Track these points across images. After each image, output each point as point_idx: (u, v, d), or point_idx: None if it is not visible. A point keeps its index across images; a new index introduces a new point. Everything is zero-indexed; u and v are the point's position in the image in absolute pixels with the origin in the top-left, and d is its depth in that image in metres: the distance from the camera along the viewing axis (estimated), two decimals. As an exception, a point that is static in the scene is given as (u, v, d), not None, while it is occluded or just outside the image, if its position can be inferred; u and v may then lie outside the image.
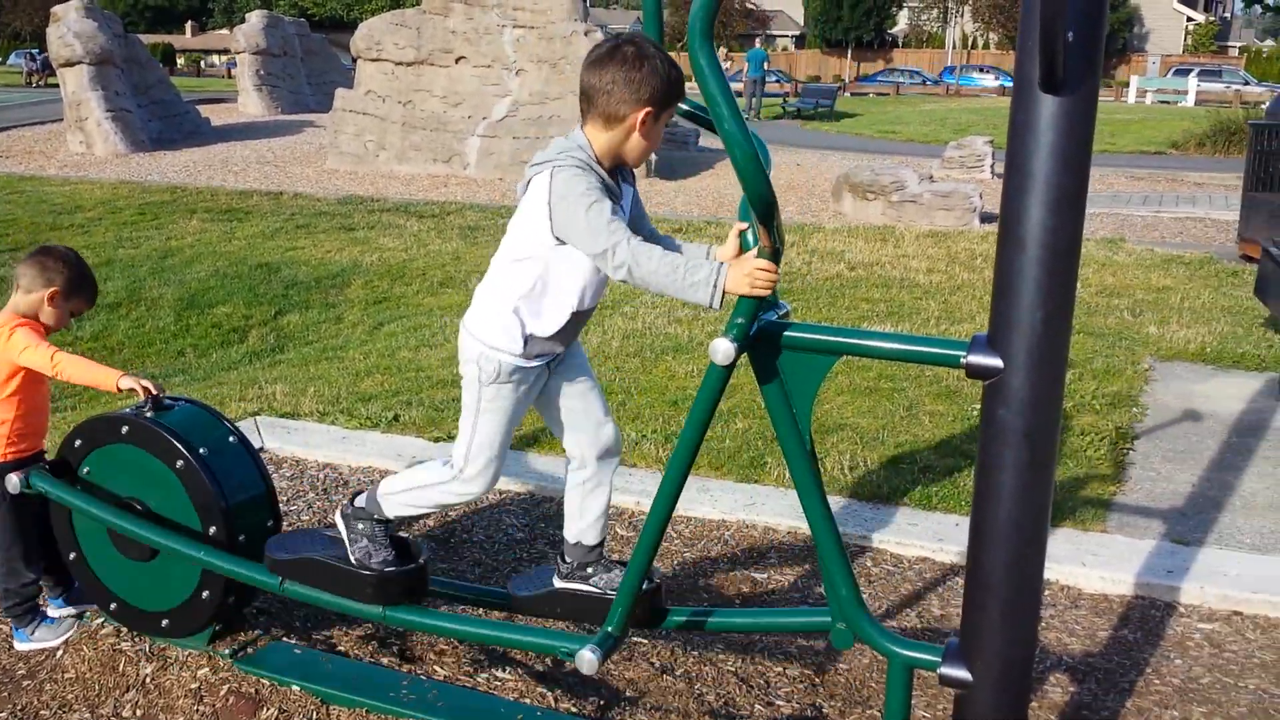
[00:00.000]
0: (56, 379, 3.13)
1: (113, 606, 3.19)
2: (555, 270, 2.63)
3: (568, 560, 2.95)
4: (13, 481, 3.08)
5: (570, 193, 2.49)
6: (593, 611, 2.88)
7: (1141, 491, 4.51)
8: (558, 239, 2.55)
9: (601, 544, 2.96)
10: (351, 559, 2.88)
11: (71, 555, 3.20)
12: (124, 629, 3.25)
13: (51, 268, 3.15)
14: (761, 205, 2.28)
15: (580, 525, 2.93)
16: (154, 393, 3.05)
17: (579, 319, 2.73)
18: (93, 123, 17.49)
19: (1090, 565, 3.79)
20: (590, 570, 2.93)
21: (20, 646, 3.29)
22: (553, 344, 2.73)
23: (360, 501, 2.93)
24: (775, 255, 2.38)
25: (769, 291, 2.38)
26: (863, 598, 2.59)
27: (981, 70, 50.84)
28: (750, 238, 2.54)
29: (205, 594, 3.03)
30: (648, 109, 2.54)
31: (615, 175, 2.66)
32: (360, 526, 2.90)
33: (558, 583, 2.95)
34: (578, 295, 2.67)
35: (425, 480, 2.85)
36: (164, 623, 3.10)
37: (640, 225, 2.76)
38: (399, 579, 2.87)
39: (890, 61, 59.44)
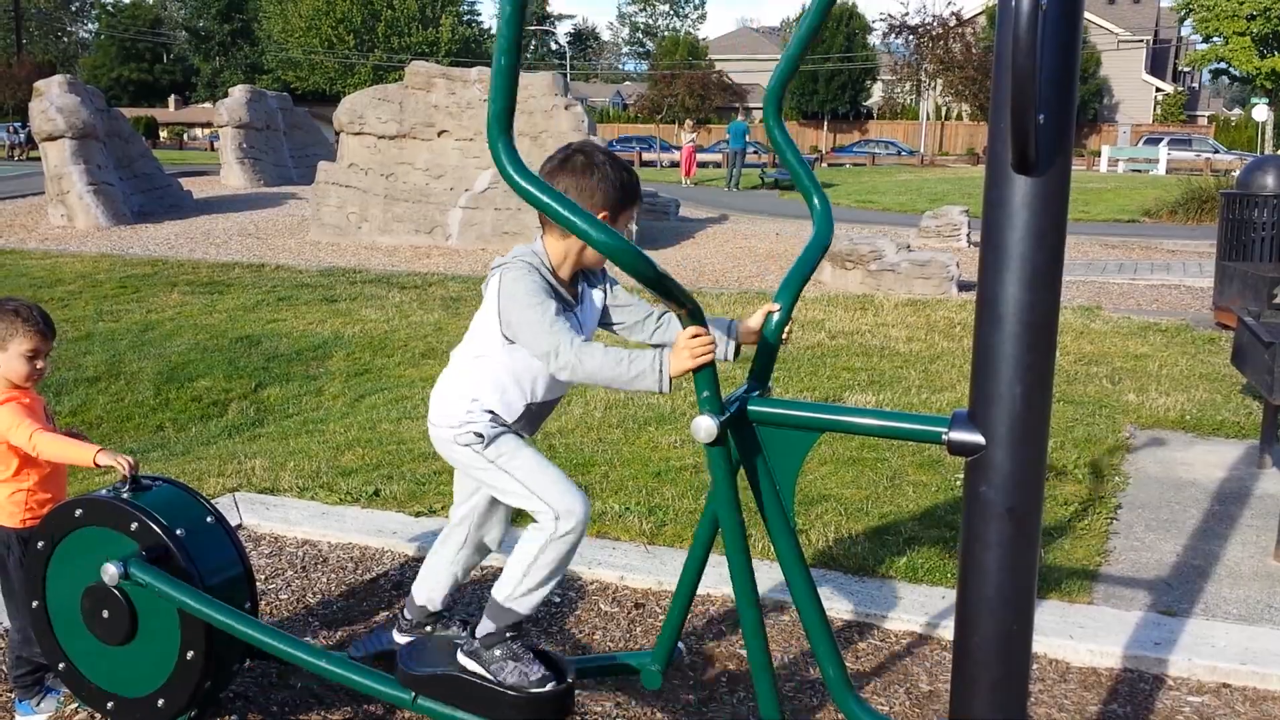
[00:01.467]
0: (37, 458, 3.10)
1: (62, 667, 3.11)
2: (508, 367, 2.68)
3: (408, 617, 3.09)
4: (110, 572, 2.90)
5: (515, 292, 2.55)
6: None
7: (1126, 561, 4.51)
8: (506, 338, 2.60)
9: (442, 612, 3.10)
10: (506, 685, 2.70)
11: (34, 604, 3.11)
12: (96, 713, 3.18)
13: None
14: (648, 282, 2.27)
15: (432, 594, 3.06)
16: (130, 469, 3.01)
17: (538, 413, 2.77)
18: (74, 196, 17.54)
19: (1078, 638, 3.76)
20: (429, 628, 3.07)
21: None
22: (517, 428, 2.77)
23: (482, 630, 2.76)
24: (695, 315, 2.37)
25: (710, 355, 2.37)
26: (848, 675, 2.56)
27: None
28: (774, 320, 2.60)
29: (172, 690, 2.95)
30: (603, 213, 2.61)
31: (575, 282, 2.72)
32: (498, 652, 2.72)
33: (398, 637, 3.06)
34: (530, 390, 2.72)
35: (534, 550, 2.67)
36: (160, 703, 3.01)
37: (631, 315, 2.83)
38: (555, 699, 2.67)
39: (866, 132, 60.43)
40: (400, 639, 3.07)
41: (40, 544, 3.05)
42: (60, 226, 17.45)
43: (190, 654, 2.91)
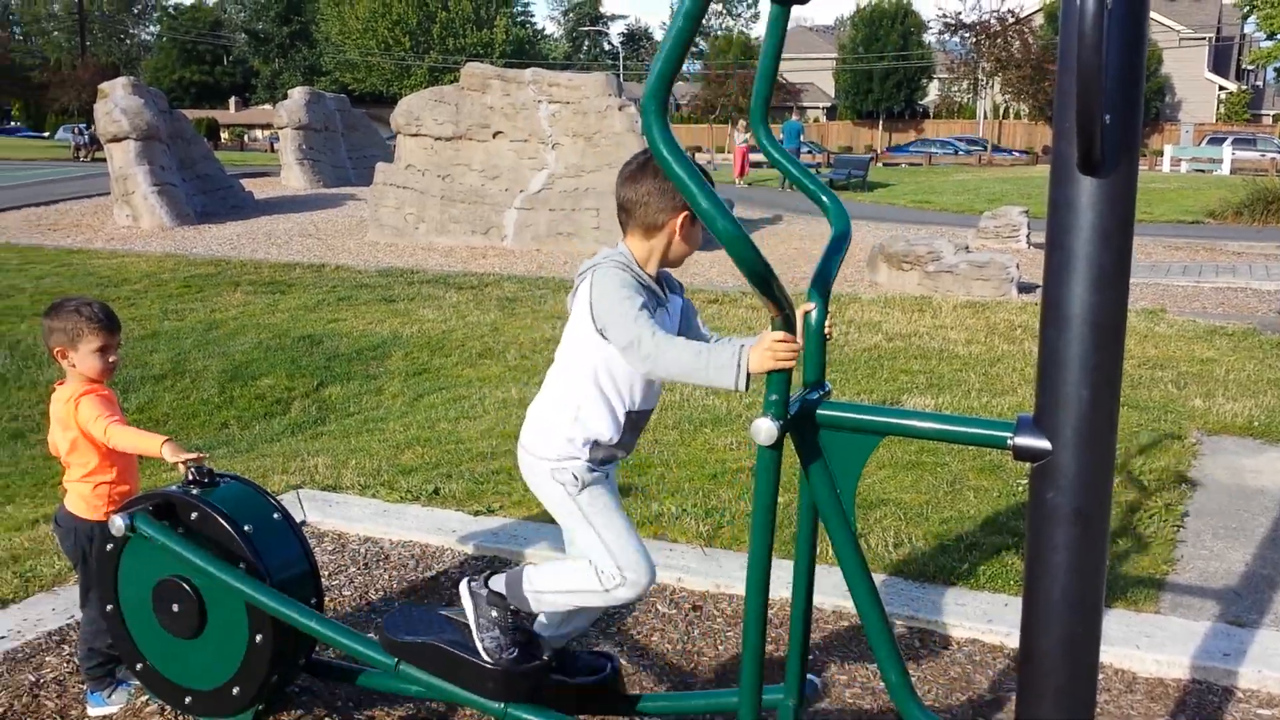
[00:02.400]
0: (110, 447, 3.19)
1: (140, 668, 3.19)
2: (606, 371, 2.67)
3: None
4: (117, 524, 3.01)
5: (606, 287, 2.58)
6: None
7: (1194, 570, 4.43)
8: (601, 337, 2.60)
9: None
10: (479, 646, 2.78)
11: (108, 607, 3.20)
12: (168, 708, 3.25)
13: (46, 329, 3.22)
14: (753, 277, 2.26)
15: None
16: (191, 466, 3.07)
17: (637, 421, 2.76)
18: (139, 197, 17.90)
19: (1145, 648, 3.71)
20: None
21: (93, 711, 3.32)
22: (615, 449, 2.75)
23: (497, 586, 2.82)
24: (788, 322, 2.38)
25: (793, 361, 2.38)
26: (912, 683, 2.55)
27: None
28: (813, 319, 2.59)
29: (241, 682, 3.01)
30: (684, 213, 2.66)
31: (661, 285, 2.74)
32: (494, 614, 2.80)
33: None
34: (629, 395, 2.71)
35: (581, 586, 2.71)
36: (235, 690, 3.07)
37: (691, 332, 2.83)
38: (527, 675, 2.75)
39: (921, 132, 59.87)
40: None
41: (109, 545, 3.12)
42: (126, 226, 17.82)
43: (259, 638, 2.97)
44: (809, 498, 2.49)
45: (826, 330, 2.67)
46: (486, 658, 2.77)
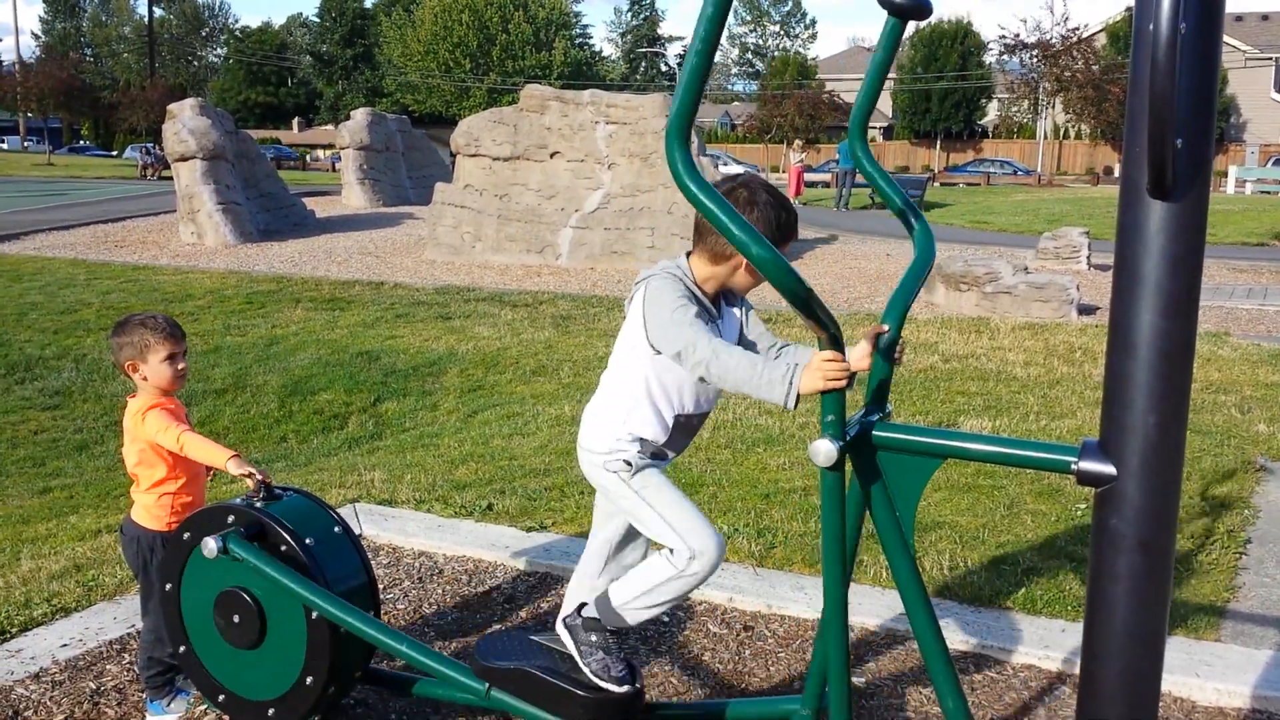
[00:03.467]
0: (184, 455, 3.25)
1: (222, 699, 3.24)
2: (656, 379, 2.71)
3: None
4: (210, 546, 3.04)
5: (659, 298, 2.60)
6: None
7: (1256, 598, 4.33)
8: (654, 348, 2.63)
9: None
10: (585, 670, 2.79)
11: (181, 649, 3.26)
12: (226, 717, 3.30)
13: (115, 345, 3.30)
14: (794, 299, 2.26)
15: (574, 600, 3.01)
16: (260, 478, 3.13)
17: (686, 425, 2.78)
18: (204, 215, 18.28)
19: (1205, 676, 3.63)
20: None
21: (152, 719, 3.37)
22: (665, 448, 2.79)
23: (588, 611, 2.84)
24: (835, 342, 2.37)
25: (843, 382, 2.37)
26: (969, 708, 2.52)
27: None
28: (883, 341, 2.58)
29: (308, 682, 3.06)
30: None
31: (717, 299, 2.76)
32: (594, 638, 2.81)
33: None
34: (679, 400, 2.74)
35: (660, 578, 2.71)
36: (270, 712, 3.13)
37: (758, 342, 2.88)
38: (621, 702, 2.75)
39: (980, 152, 59.34)
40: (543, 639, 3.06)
41: (186, 534, 3.17)
42: (190, 244, 18.20)
43: (309, 679, 3.03)
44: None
45: (897, 354, 2.66)
46: (596, 680, 2.77)
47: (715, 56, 2.12)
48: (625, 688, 2.76)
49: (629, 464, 2.71)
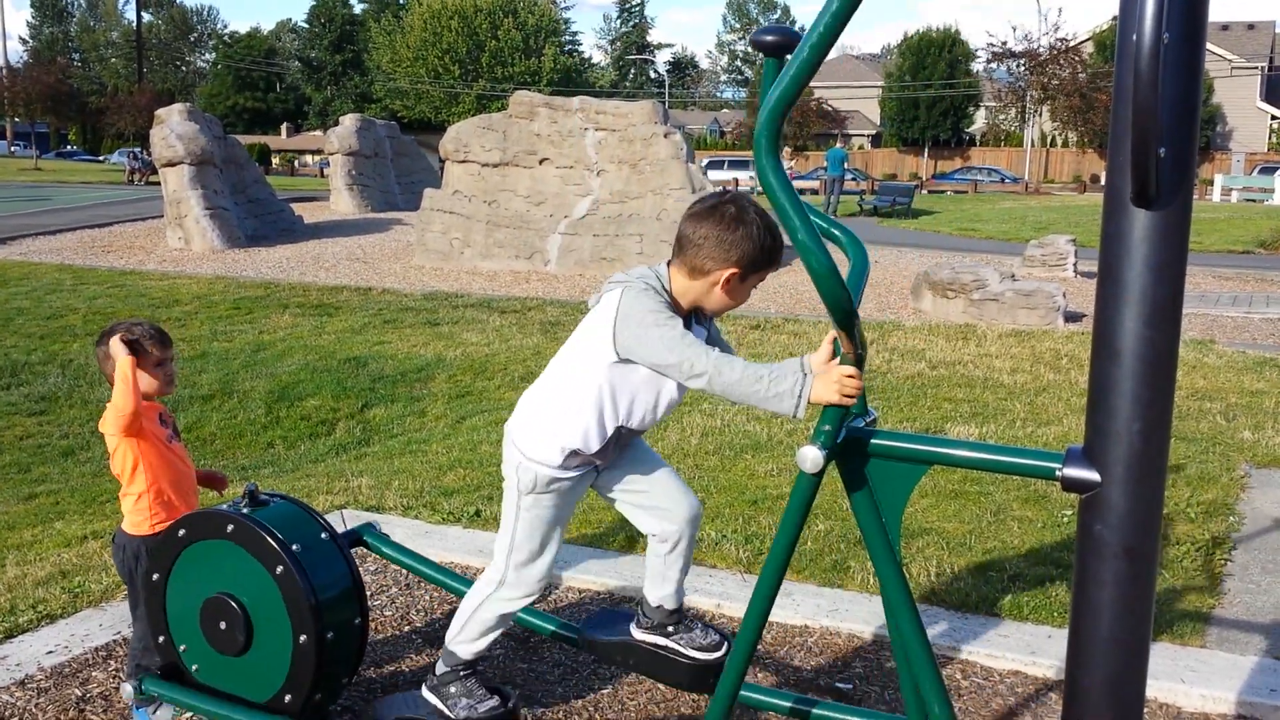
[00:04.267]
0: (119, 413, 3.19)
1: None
2: (609, 387, 2.68)
3: (648, 616, 3.02)
4: (125, 690, 3.16)
5: (636, 311, 2.54)
6: (668, 667, 2.97)
7: (1241, 605, 4.35)
8: (619, 356, 2.60)
9: (681, 608, 3.01)
10: (456, 718, 2.94)
11: (160, 639, 3.25)
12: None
13: (101, 355, 3.28)
14: (840, 313, 2.29)
15: (662, 592, 2.98)
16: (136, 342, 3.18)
17: (624, 436, 2.78)
18: (191, 220, 18.24)
19: (1190, 682, 3.65)
20: (671, 629, 3.00)
21: None
22: (593, 458, 2.79)
23: (439, 669, 3.00)
24: (859, 361, 2.40)
25: (855, 399, 2.39)
26: (954, 714, 2.53)
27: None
28: (839, 346, 2.56)
29: (286, 700, 3.05)
30: (733, 270, 2.60)
31: (688, 317, 2.70)
32: (453, 690, 2.96)
33: (637, 634, 3.02)
34: (626, 414, 2.72)
35: (475, 601, 2.92)
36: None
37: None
38: None
39: (967, 160, 59.59)
40: (638, 634, 3.02)
41: (181, 531, 3.15)
42: (177, 249, 18.15)
43: (288, 698, 3.03)
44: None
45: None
46: None
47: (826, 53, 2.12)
48: (496, 714, 2.91)
49: (533, 483, 2.77)
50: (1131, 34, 1.88)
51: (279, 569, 3.01)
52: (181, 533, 3.16)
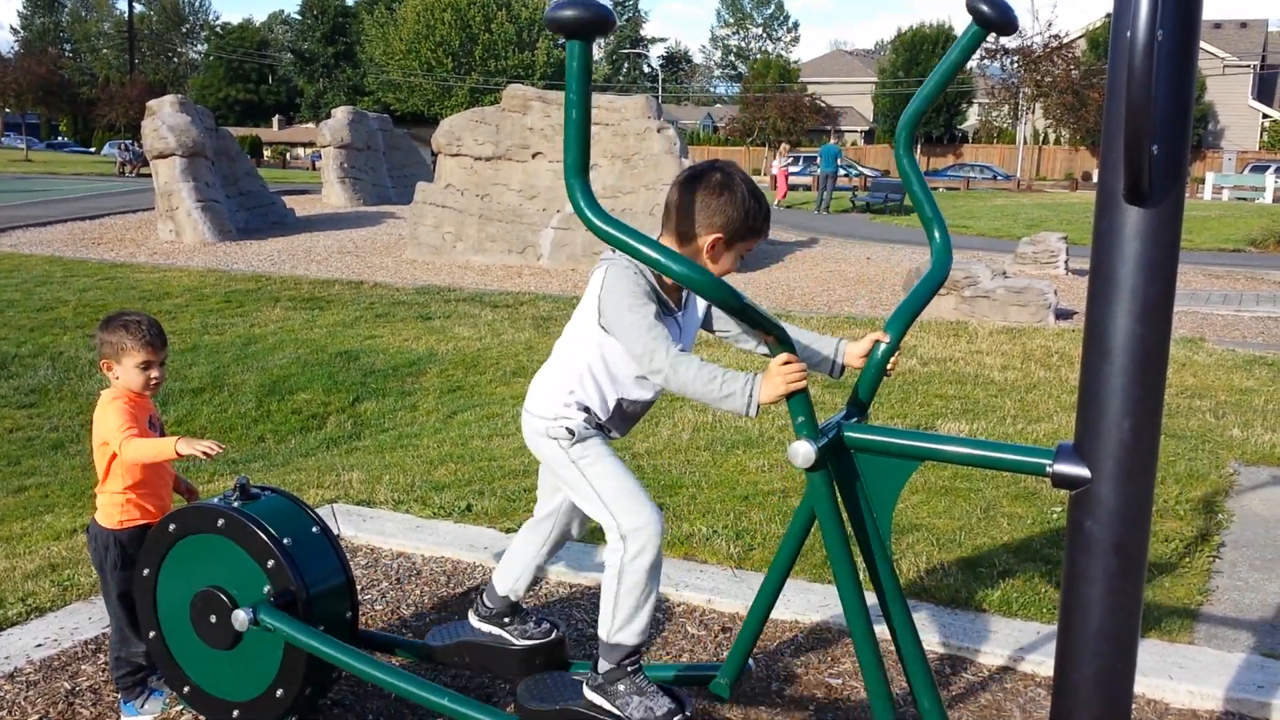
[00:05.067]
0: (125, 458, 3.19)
1: (187, 690, 3.23)
2: (601, 358, 2.71)
3: (489, 605, 3.15)
4: (240, 618, 3.00)
5: (616, 289, 2.58)
6: (500, 658, 3.10)
7: (1229, 601, 4.37)
8: (603, 329, 2.64)
9: (521, 602, 3.19)
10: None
11: (151, 634, 3.25)
12: (199, 716, 3.28)
13: (97, 341, 3.29)
14: (732, 311, 2.31)
15: (517, 585, 3.12)
16: (213, 452, 3.08)
17: (629, 411, 2.80)
18: (183, 212, 18.17)
19: (1178, 678, 3.66)
20: (507, 620, 3.15)
21: None
22: (606, 426, 2.80)
23: (603, 667, 2.74)
24: (783, 343, 2.39)
25: (803, 382, 2.39)
26: (944, 708, 2.53)
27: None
28: (879, 351, 2.59)
29: (278, 694, 3.05)
30: (717, 235, 2.61)
31: (679, 290, 2.72)
32: (621, 688, 2.70)
33: (472, 618, 3.18)
34: (622, 385, 2.75)
35: (612, 584, 2.67)
36: (235, 713, 3.12)
37: (733, 325, 2.87)
38: None
39: (960, 156, 59.65)
40: (479, 625, 3.19)
41: (172, 526, 3.14)
42: (168, 241, 18.09)
43: (279, 692, 3.04)
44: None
45: (890, 365, 2.67)
46: None
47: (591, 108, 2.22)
48: (677, 718, 2.68)
49: (571, 432, 2.71)
50: (1125, 31, 1.89)
51: (270, 563, 3.01)
52: (172, 527, 3.16)
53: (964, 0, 2.49)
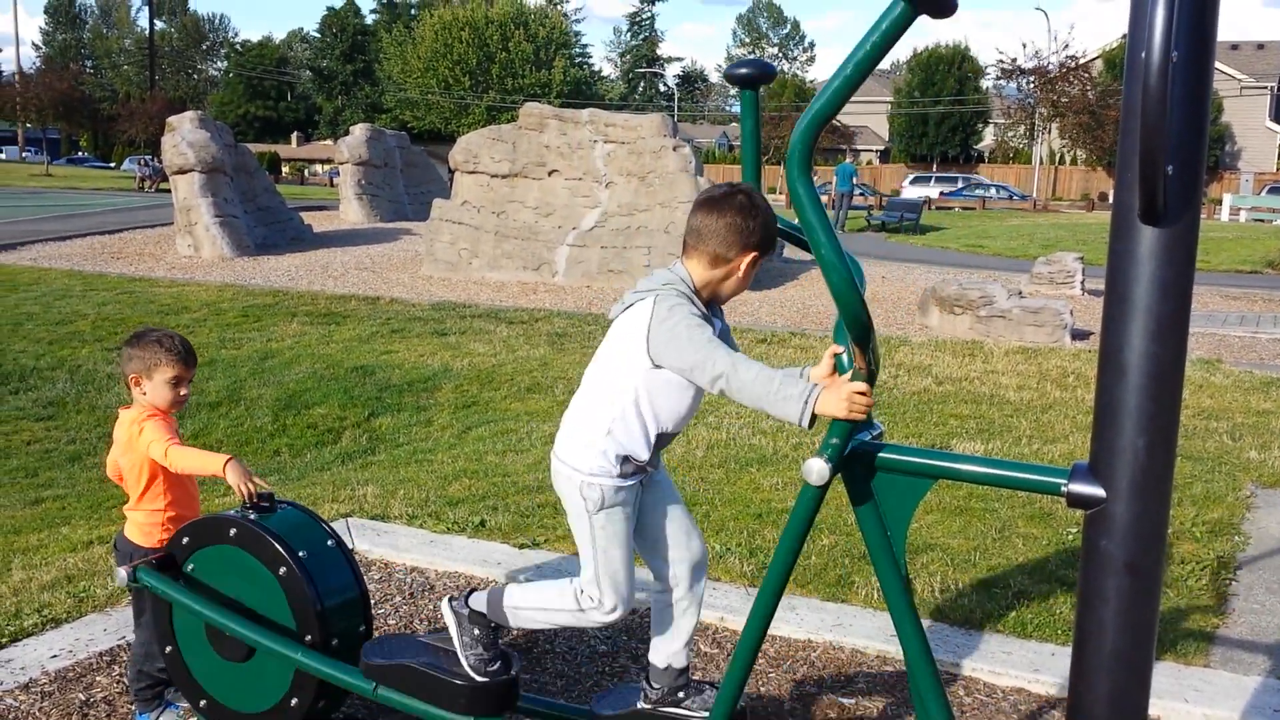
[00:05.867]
0: (170, 469, 3.23)
1: (203, 704, 3.24)
2: (646, 395, 2.71)
3: (655, 685, 2.96)
4: (120, 575, 3.17)
5: (672, 317, 2.60)
6: None
7: (1245, 624, 4.34)
8: (654, 363, 2.63)
9: (689, 667, 2.98)
10: (464, 663, 2.89)
11: (168, 649, 3.27)
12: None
13: (125, 355, 3.32)
14: (858, 328, 2.31)
15: (671, 648, 2.95)
16: (250, 497, 3.12)
17: (662, 440, 2.81)
18: (201, 228, 18.28)
19: (1193, 701, 3.64)
20: (682, 694, 2.95)
21: None
22: (645, 465, 2.79)
23: (478, 605, 2.91)
24: (871, 378, 2.41)
25: (864, 416, 2.40)
26: (958, 728, 2.52)
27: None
28: (845, 360, 2.57)
29: (295, 699, 3.06)
30: (754, 254, 2.70)
31: (710, 308, 2.78)
32: (476, 632, 2.90)
33: (643, 705, 2.96)
34: (664, 418, 2.75)
35: (559, 605, 2.84)
36: None
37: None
38: (494, 690, 2.87)
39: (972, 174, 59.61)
40: (645, 707, 2.97)
41: (185, 539, 3.18)
42: (187, 256, 18.20)
43: (294, 701, 3.06)
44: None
45: (860, 366, 2.67)
46: (471, 673, 2.88)
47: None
48: (501, 679, 2.88)
49: (601, 498, 2.72)
50: (1140, 52, 1.90)
51: (284, 573, 3.02)
52: (185, 540, 3.18)
53: None
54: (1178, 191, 2.03)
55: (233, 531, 3.09)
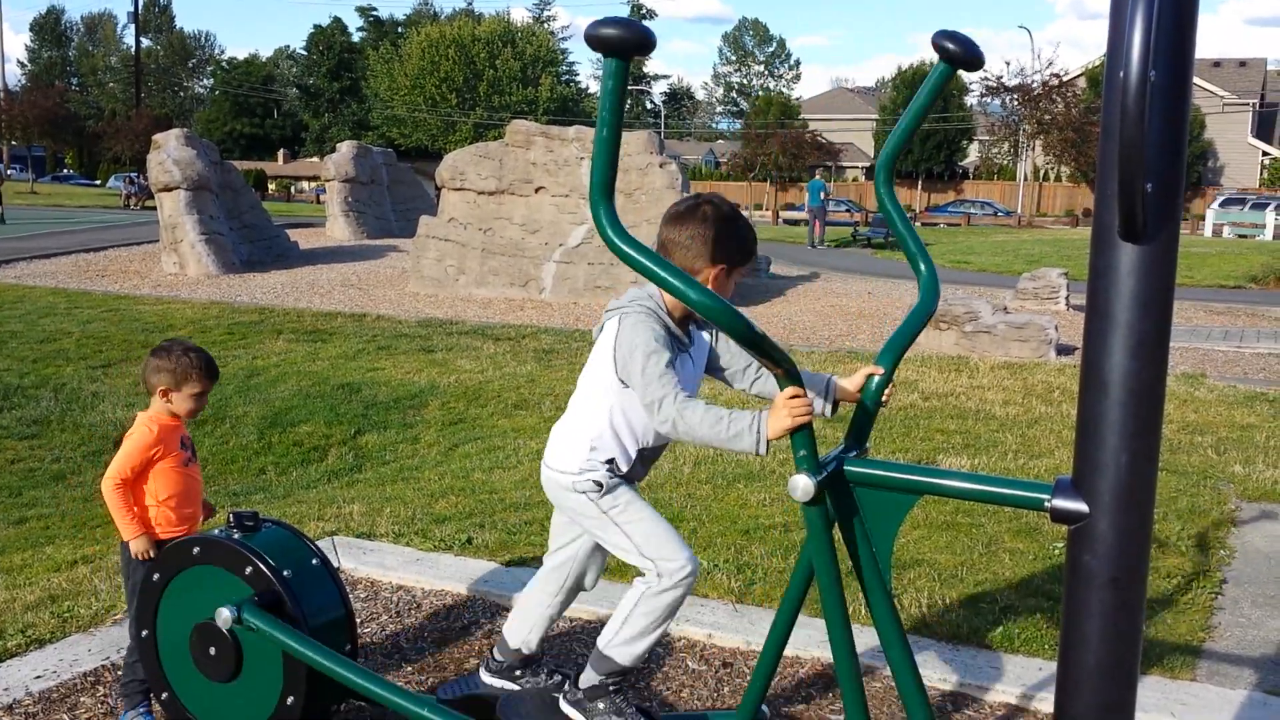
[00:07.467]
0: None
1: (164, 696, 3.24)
2: (621, 413, 2.73)
3: (499, 659, 3.09)
4: (224, 615, 3.04)
5: (633, 339, 2.59)
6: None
7: (1232, 638, 4.36)
8: (622, 381, 2.65)
9: (542, 655, 3.13)
10: None
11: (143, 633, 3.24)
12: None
13: (153, 367, 3.41)
14: (744, 341, 2.29)
15: (535, 635, 3.07)
16: (145, 557, 3.26)
17: (650, 456, 2.82)
18: (187, 245, 18.24)
19: (1180, 715, 3.65)
20: (519, 673, 3.09)
21: None
22: (630, 474, 2.81)
23: (585, 682, 2.80)
24: (791, 376, 2.39)
25: (809, 416, 2.39)
26: (944, 744, 2.53)
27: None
28: (874, 383, 2.60)
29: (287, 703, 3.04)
30: (721, 266, 2.67)
31: (686, 325, 2.76)
32: (600, 706, 2.77)
33: (488, 679, 3.09)
34: (641, 433, 2.76)
35: (641, 607, 2.72)
36: None
37: (733, 362, 2.86)
38: None
39: (961, 192, 59.93)
40: (490, 680, 3.12)
41: (155, 576, 3.18)
42: (172, 274, 18.15)
43: (290, 699, 2.99)
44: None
45: (885, 396, 2.68)
46: None
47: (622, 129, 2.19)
48: None
49: (599, 484, 2.72)
50: (1119, 71, 1.91)
51: (270, 595, 3.01)
52: (172, 560, 3.17)
53: (931, 39, 2.54)
54: (1156, 209, 2.05)
55: (196, 550, 3.10)
